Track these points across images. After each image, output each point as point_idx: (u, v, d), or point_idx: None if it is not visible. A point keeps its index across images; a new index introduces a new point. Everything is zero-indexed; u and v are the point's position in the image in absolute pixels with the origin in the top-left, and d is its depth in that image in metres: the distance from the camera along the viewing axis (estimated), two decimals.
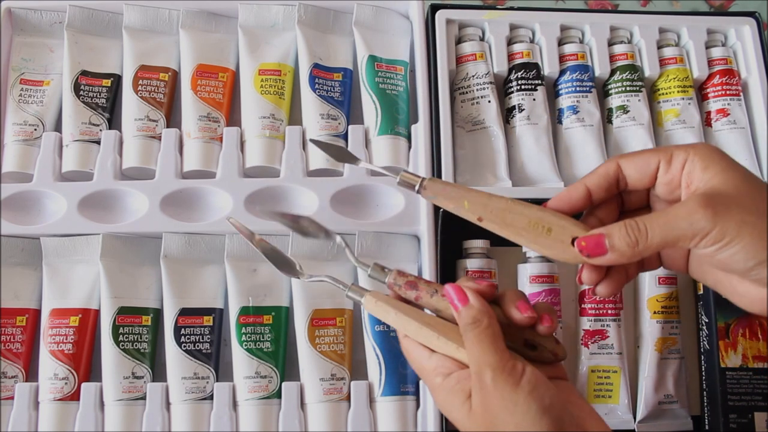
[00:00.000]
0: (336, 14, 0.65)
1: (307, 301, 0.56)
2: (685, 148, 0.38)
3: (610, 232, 0.37)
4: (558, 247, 0.40)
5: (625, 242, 0.37)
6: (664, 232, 0.36)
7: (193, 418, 0.54)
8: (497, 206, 0.41)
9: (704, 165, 0.37)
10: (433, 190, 0.43)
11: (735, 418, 0.56)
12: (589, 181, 0.40)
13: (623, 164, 0.40)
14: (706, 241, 0.35)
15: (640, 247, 0.36)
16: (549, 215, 0.40)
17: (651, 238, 0.36)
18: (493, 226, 0.42)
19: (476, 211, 0.42)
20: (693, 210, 0.35)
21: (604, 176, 0.40)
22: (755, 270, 0.35)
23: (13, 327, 0.56)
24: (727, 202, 0.35)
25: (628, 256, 0.37)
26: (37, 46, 0.64)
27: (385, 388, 0.54)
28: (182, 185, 0.58)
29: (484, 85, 0.62)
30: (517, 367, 0.36)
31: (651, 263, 0.43)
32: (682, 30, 0.66)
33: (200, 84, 0.62)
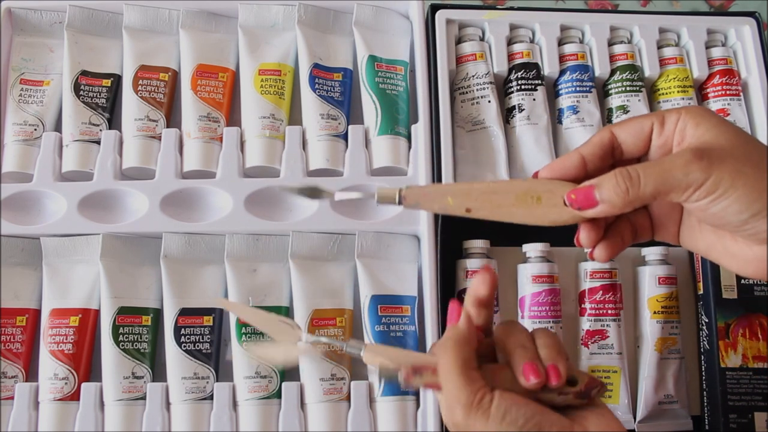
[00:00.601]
0: (336, 14, 0.65)
1: (307, 301, 0.56)
2: (676, 110, 0.38)
3: (600, 183, 0.36)
4: (553, 212, 0.39)
5: (615, 191, 0.36)
6: (658, 182, 0.35)
7: (193, 418, 0.54)
8: (481, 191, 0.40)
9: (696, 122, 0.36)
10: (414, 198, 0.41)
11: (735, 418, 0.56)
12: (584, 150, 0.39)
13: (617, 131, 0.39)
14: (700, 192, 0.34)
15: (631, 196, 0.35)
16: (535, 183, 0.39)
17: (644, 187, 0.35)
18: (484, 213, 0.40)
19: (462, 204, 0.40)
20: (688, 160, 0.34)
21: (599, 145, 0.39)
22: (750, 223, 0.34)
23: (13, 327, 0.56)
24: (721, 154, 0.34)
25: (619, 205, 0.36)
26: (37, 46, 0.64)
27: (385, 388, 0.54)
28: (182, 185, 0.58)
29: (484, 85, 0.62)
30: (485, 397, 0.36)
31: (644, 232, 0.41)
32: (682, 30, 0.66)
33: (200, 84, 0.62)
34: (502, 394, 0.36)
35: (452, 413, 0.36)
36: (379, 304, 0.56)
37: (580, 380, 0.38)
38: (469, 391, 0.36)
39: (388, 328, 0.55)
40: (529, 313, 0.58)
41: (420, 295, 0.58)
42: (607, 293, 0.59)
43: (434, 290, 0.55)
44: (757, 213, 0.34)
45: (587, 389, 0.38)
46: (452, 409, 0.36)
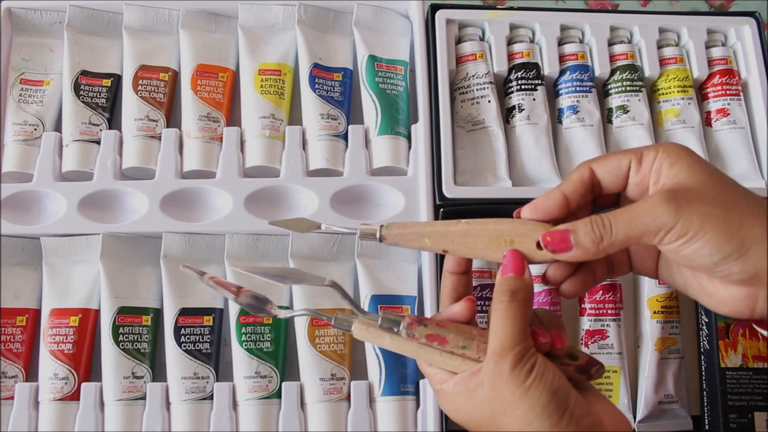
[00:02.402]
0: (336, 14, 0.65)
1: (307, 301, 0.56)
2: (654, 147, 0.38)
3: (576, 228, 0.37)
4: (526, 254, 0.40)
5: (590, 238, 0.36)
6: (628, 227, 0.35)
7: (193, 418, 0.54)
8: (456, 233, 0.41)
9: (671, 161, 0.37)
10: (393, 237, 0.42)
11: (735, 418, 0.56)
12: (566, 188, 0.39)
13: (596, 168, 0.39)
14: (670, 236, 0.35)
15: (604, 243, 0.36)
16: (508, 226, 0.40)
17: (615, 234, 0.36)
18: (460, 254, 0.41)
19: (439, 245, 0.41)
20: (656, 204, 0.35)
21: (580, 182, 0.39)
22: (721, 265, 0.35)
23: (13, 327, 0.56)
24: (690, 196, 0.35)
25: (592, 252, 0.36)
26: (37, 46, 0.64)
27: (385, 388, 0.54)
28: (182, 185, 0.59)
29: (484, 85, 0.62)
30: (533, 355, 0.36)
31: (621, 267, 0.42)
32: (682, 30, 0.66)
33: (200, 84, 0.62)
34: (542, 357, 0.36)
35: (498, 361, 0.36)
36: (379, 304, 0.56)
37: (580, 357, 0.40)
38: (526, 344, 0.36)
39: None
40: None
41: (420, 295, 0.58)
42: (607, 293, 0.59)
43: (434, 290, 0.55)
44: (728, 255, 0.34)
45: (587, 365, 0.39)
46: (503, 354, 0.36)
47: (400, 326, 0.40)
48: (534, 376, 0.35)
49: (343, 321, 0.41)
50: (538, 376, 0.35)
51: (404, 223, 0.42)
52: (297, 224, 0.46)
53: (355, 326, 0.41)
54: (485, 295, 0.58)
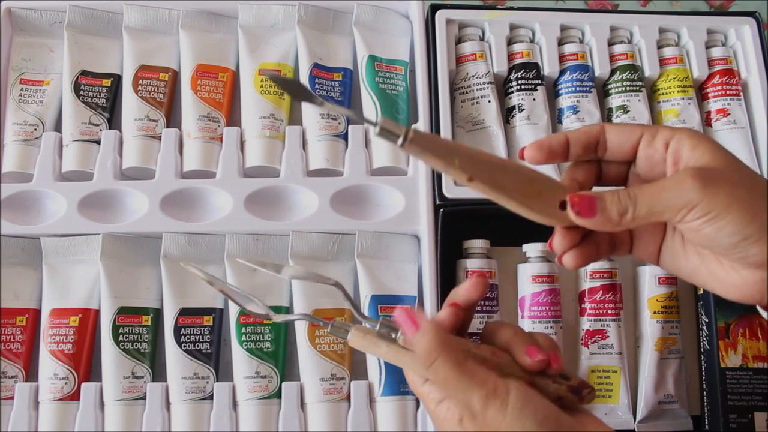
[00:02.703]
0: (336, 14, 0.65)
1: (307, 301, 0.56)
2: (670, 129, 0.38)
3: (603, 196, 0.37)
4: (546, 210, 0.38)
5: (615, 208, 0.36)
6: (652, 201, 0.36)
7: (193, 418, 0.54)
8: (489, 163, 0.38)
9: (693, 144, 0.37)
10: (420, 144, 0.36)
11: (735, 418, 0.56)
12: (572, 134, 0.40)
13: (608, 128, 0.40)
14: (693, 213, 0.35)
15: (628, 216, 0.36)
16: (540, 176, 0.39)
17: (639, 207, 0.36)
18: (483, 188, 0.38)
19: (467, 170, 0.37)
20: (682, 181, 0.35)
21: (586, 133, 0.40)
22: (739, 246, 0.35)
23: (13, 327, 0.56)
24: (716, 176, 0.35)
25: (615, 222, 0.36)
26: (37, 46, 0.64)
27: (385, 388, 0.54)
28: (182, 185, 0.59)
29: (484, 85, 0.62)
30: (500, 387, 0.35)
31: (622, 246, 0.42)
32: (682, 30, 0.66)
33: (200, 84, 0.62)
34: (517, 385, 0.35)
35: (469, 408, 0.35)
36: (379, 304, 0.56)
37: (573, 378, 0.39)
38: (477, 383, 0.35)
39: None
40: (529, 313, 0.58)
41: (420, 295, 0.58)
42: (607, 293, 0.59)
43: (434, 290, 0.55)
44: (748, 237, 0.34)
45: (579, 387, 0.38)
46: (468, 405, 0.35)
47: (398, 333, 0.39)
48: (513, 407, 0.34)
49: (339, 328, 0.40)
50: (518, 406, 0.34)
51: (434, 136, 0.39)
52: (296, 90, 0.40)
53: (351, 334, 0.40)
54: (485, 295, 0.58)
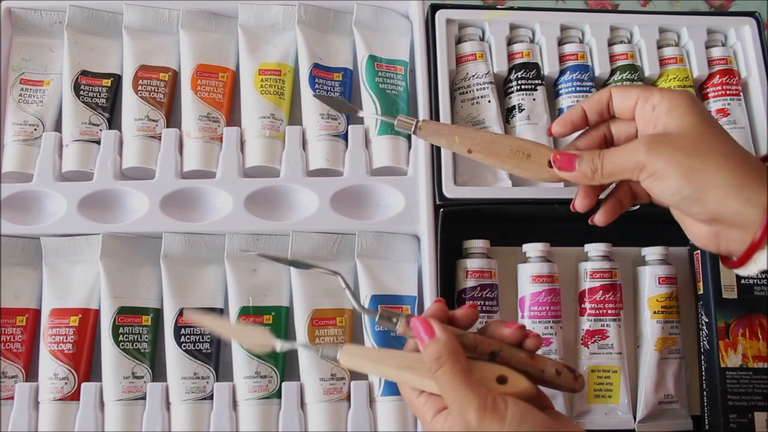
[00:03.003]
0: (336, 14, 0.65)
1: (307, 301, 0.56)
2: (662, 92, 0.43)
3: (581, 155, 0.44)
4: (537, 169, 0.48)
5: (588, 166, 0.43)
6: (613, 164, 0.42)
7: (193, 418, 0.54)
8: (484, 139, 0.49)
9: (669, 108, 0.42)
10: (428, 130, 0.49)
11: (735, 418, 0.56)
12: (586, 104, 0.47)
13: (614, 92, 0.45)
14: (642, 174, 0.41)
15: (597, 174, 0.43)
16: (527, 143, 0.48)
17: (604, 167, 0.43)
18: (481, 156, 0.49)
19: (466, 144, 0.49)
20: (636, 146, 0.41)
21: (598, 101, 0.46)
22: (683, 205, 0.40)
23: (13, 327, 0.56)
24: (662, 141, 0.40)
25: (589, 177, 0.44)
26: (37, 46, 0.64)
27: (385, 388, 0.54)
28: (182, 185, 0.59)
29: (484, 85, 0.62)
30: (498, 402, 0.36)
31: (642, 196, 0.47)
32: (682, 30, 0.66)
33: (200, 84, 0.62)
34: (515, 401, 0.36)
35: (464, 419, 0.36)
36: (379, 304, 0.56)
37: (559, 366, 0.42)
38: (477, 394, 0.36)
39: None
40: (529, 313, 0.58)
41: (420, 295, 0.58)
42: (607, 293, 0.59)
43: (434, 290, 0.55)
44: (686, 197, 0.39)
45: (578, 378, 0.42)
46: (464, 415, 0.36)
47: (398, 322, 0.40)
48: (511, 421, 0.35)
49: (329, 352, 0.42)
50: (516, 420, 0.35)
51: (438, 122, 0.53)
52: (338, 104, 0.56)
53: (340, 355, 0.42)
54: (485, 295, 0.58)
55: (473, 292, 0.58)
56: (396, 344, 0.55)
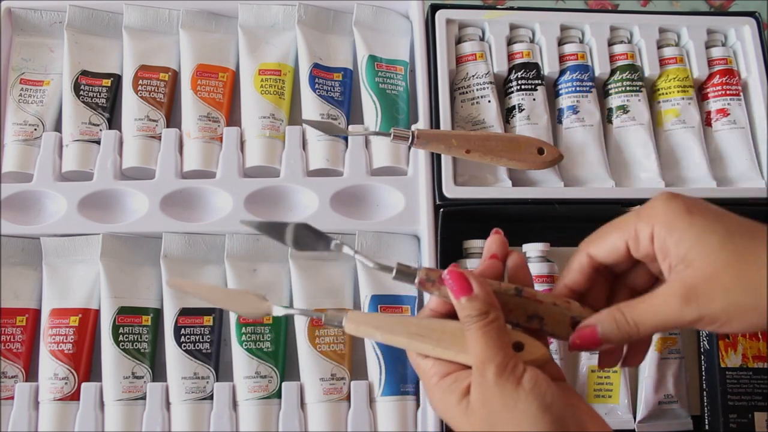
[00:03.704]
0: (336, 14, 0.65)
1: (307, 301, 0.56)
2: (647, 219, 0.37)
3: (603, 328, 0.37)
4: (530, 158, 0.54)
5: (616, 336, 0.37)
6: (654, 326, 0.36)
7: (193, 418, 0.54)
8: (478, 137, 0.54)
9: (676, 238, 0.36)
10: (425, 138, 0.52)
11: (735, 418, 0.56)
12: (569, 281, 0.41)
13: (593, 253, 0.40)
14: (700, 325, 0.35)
15: (632, 339, 0.37)
16: (517, 136, 0.56)
17: (642, 329, 0.37)
18: (479, 155, 0.53)
19: (463, 145, 0.52)
20: (678, 308, 0.35)
21: (579, 272, 0.40)
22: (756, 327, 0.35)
23: (13, 327, 0.56)
24: (709, 290, 0.34)
25: (623, 342, 0.38)
26: (37, 46, 0.64)
27: (385, 388, 0.54)
28: (182, 185, 0.58)
29: (484, 85, 0.62)
30: (519, 366, 0.36)
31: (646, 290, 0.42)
32: (682, 30, 0.66)
33: (200, 84, 0.62)
34: (531, 368, 0.36)
35: (483, 374, 0.36)
36: (378, 304, 0.56)
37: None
38: (503, 354, 0.36)
39: None
40: None
41: (420, 295, 0.58)
42: None
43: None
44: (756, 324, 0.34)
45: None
46: (484, 371, 0.36)
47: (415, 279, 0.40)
48: (524, 387, 0.35)
49: (333, 318, 0.40)
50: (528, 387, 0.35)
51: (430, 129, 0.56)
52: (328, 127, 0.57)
53: (346, 322, 0.40)
54: None
55: None
56: None
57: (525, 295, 0.39)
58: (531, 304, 0.39)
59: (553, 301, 0.39)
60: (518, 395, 0.35)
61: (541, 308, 0.39)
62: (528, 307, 0.39)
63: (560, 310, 0.39)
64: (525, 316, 0.40)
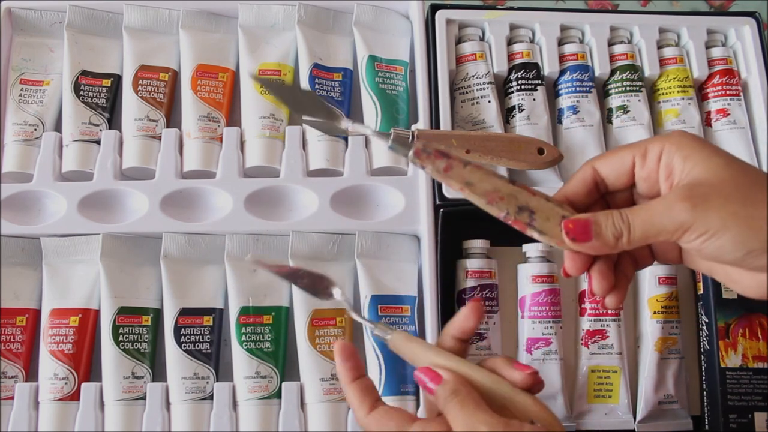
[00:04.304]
0: (336, 14, 0.65)
1: (307, 301, 0.56)
2: (659, 140, 0.37)
3: (597, 219, 0.36)
4: (530, 158, 0.54)
5: (611, 231, 0.36)
6: (646, 226, 0.35)
7: (193, 418, 0.54)
8: (478, 137, 0.53)
9: (684, 154, 0.35)
10: (425, 137, 0.51)
11: (735, 418, 0.56)
12: (568, 190, 0.39)
13: (598, 166, 0.39)
14: (688, 234, 0.34)
15: (623, 240, 0.36)
16: (517, 136, 0.56)
17: (634, 231, 0.35)
18: (479, 155, 0.53)
19: (463, 145, 0.52)
20: (672, 203, 0.34)
21: (582, 181, 0.39)
22: (746, 260, 0.34)
23: (13, 327, 0.56)
24: (707, 193, 0.34)
25: (611, 246, 0.36)
26: (37, 46, 0.64)
27: (385, 388, 0.54)
28: (182, 185, 0.58)
29: (484, 85, 0.62)
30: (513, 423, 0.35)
31: (644, 259, 0.41)
32: (682, 30, 0.66)
33: (200, 84, 0.62)
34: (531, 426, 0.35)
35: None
36: (379, 304, 0.56)
37: None
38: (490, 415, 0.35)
39: None
40: (529, 313, 0.58)
41: (420, 295, 0.58)
42: None
43: (434, 290, 0.55)
44: (752, 250, 0.34)
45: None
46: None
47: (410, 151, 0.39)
48: None
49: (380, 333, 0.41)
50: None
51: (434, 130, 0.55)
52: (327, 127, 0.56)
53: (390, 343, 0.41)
54: (485, 295, 0.58)
55: (473, 293, 0.58)
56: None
57: (518, 185, 0.38)
58: (523, 194, 0.38)
59: (545, 197, 0.38)
60: None
61: (533, 200, 0.38)
62: (519, 197, 0.38)
63: (552, 206, 0.38)
64: (516, 206, 0.38)
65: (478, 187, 0.38)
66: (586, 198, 0.39)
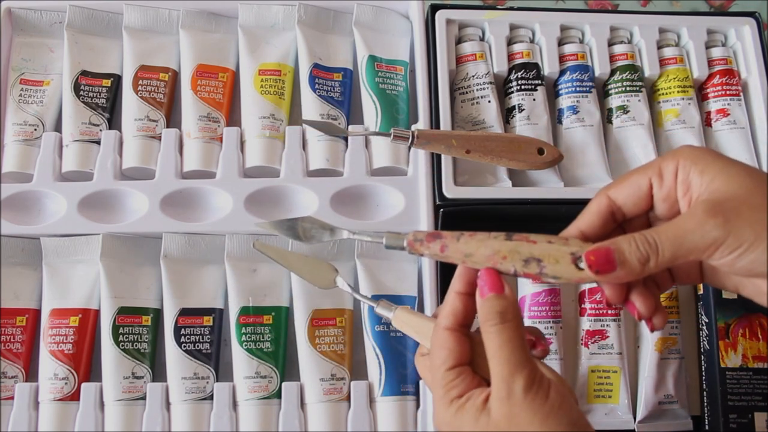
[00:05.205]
0: (336, 14, 0.65)
1: (307, 301, 0.56)
2: (671, 156, 0.36)
3: (619, 246, 0.34)
4: (530, 158, 0.54)
5: (635, 257, 0.34)
6: (675, 246, 0.33)
7: (193, 418, 0.54)
8: (478, 137, 0.53)
9: (700, 168, 0.34)
10: (425, 137, 0.52)
11: (735, 418, 0.56)
12: (583, 224, 0.38)
13: (614, 195, 0.38)
14: (721, 250, 0.33)
15: (651, 264, 0.34)
16: (517, 136, 0.56)
17: (662, 253, 0.33)
18: (479, 155, 0.53)
19: (463, 145, 0.53)
20: (702, 220, 0.33)
21: (597, 214, 0.38)
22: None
23: (13, 327, 0.56)
24: (736, 206, 0.33)
25: (637, 272, 0.34)
26: (37, 46, 0.64)
27: (385, 388, 0.54)
28: (182, 185, 0.59)
29: (484, 85, 0.62)
30: (545, 380, 0.34)
31: (665, 283, 0.39)
32: (682, 30, 0.66)
33: (200, 84, 0.62)
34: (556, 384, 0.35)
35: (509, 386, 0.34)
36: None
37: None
38: (531, 366, 0.34)
39: (388, 327, 0.55)
40: (529, 313, 0.58)
41: (420, 295, 0.58)
42: None
43: (434, 290, 0.55)
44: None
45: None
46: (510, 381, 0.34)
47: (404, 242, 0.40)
48: (552, 403, 0.33)
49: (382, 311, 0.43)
50: (557, 403, 0.33)
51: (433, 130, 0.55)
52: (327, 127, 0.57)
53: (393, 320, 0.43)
54: None
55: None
56: (396, 342, 0.55)
57: (516, 238, 0.37)
58: (524, 247, 0.37)
59: (548, 239, 0.37)
60: (548, 411, 0.33)
61: (536, 249, 0.36)
62: (521, 250, 0.37)
63: (557, 247, 0.36)
64: (521, 261, 0.37)
65: (478, 256, 0.37)
66: (601, 229, 0.38)
